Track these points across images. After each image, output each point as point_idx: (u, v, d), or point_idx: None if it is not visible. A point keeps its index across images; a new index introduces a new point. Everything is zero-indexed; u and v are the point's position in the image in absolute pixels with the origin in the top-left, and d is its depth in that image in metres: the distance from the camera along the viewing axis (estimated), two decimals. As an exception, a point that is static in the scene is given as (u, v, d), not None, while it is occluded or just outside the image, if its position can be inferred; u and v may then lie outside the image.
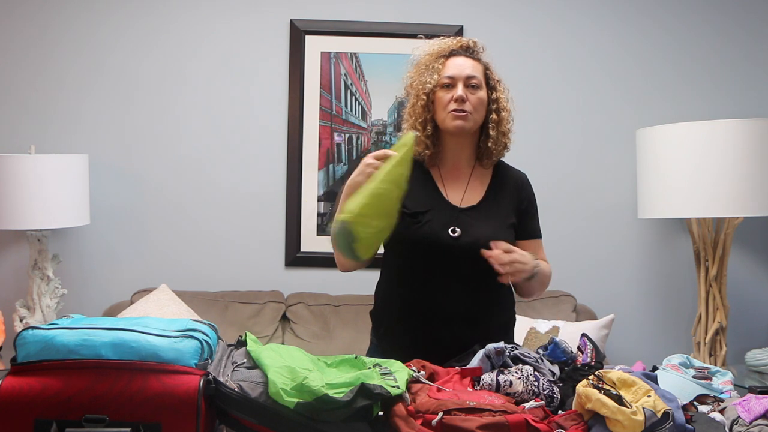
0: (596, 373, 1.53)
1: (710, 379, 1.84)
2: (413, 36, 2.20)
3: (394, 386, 1.46)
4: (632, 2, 3.62)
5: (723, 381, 1.84)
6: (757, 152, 3.07)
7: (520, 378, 1.59)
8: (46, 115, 3.43)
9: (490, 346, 1.68)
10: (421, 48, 2.12)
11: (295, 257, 3.51)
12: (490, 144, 2.06)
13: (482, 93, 2.04)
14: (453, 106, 2.01)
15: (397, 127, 3.07)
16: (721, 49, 3.64)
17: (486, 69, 2.08)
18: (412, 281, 2.01)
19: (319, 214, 3.52)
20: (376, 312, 2.15)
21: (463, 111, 2.00)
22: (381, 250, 2.10)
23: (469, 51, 2.08)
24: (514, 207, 2.09)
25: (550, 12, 3.60)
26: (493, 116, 2.06)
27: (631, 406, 1.41)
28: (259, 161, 3.51)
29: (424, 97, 2.05)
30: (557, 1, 3.60)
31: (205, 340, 1.48)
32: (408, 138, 1.89)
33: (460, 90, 2.00)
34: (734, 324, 3.43)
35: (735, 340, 3.43)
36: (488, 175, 2.11)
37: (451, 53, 2.07)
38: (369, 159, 1.93)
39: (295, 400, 1.39)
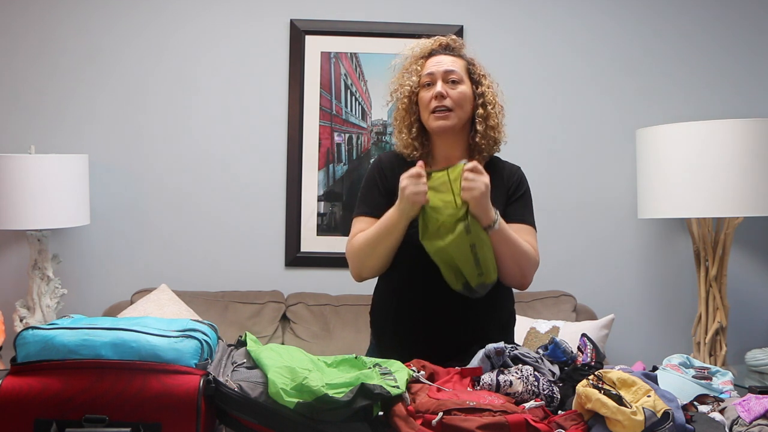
0: (596, 373, 1.53)
1: (710, 379, 1.84)
2: (413, 36, 2.20)
3: (394, 386, 1.46)
4: (632, 3, 3.62)
5: (723, 381, 1.84)
6: (756, 152, 3.07)
7: (520, 378, 1.59)
8: (46, 115, 3.42)
9: (490, 346, 1.68)
10: (403, 53, 2.12)
11: (295, 257, 3.51)
12: (478, 139, 2.04)
13: (464, 87, 2.02)
14: (434, 104, 2.00)
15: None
16: (721, 49, 3.64)
17: (469, 65, 2.07)
18: (407, 282, 2.01)
19: (319, 214, 3.51)
20: (374, 313, 2.15)
21: (444, 108, 1.99)
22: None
23: (448, 49, 2.08)
24: (504, 199, 2.07)
25: (551, 12, 3.59)
26: (480, 111, 2.04)
27: (631, 406, 1.41)
28: (259, 161, 3.50)
29: (406, 100, 2.05)
30: (557, 1, 3.60)
31: (205, 340, 1.48)
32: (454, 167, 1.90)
33: (438, 86, 2.00)
34: (734, 324, 3.43)
35: (735, 340, 3.43)
36: None
37: (431, 53, 2.07)
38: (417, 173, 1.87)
39: (295, 400, 1.39)
